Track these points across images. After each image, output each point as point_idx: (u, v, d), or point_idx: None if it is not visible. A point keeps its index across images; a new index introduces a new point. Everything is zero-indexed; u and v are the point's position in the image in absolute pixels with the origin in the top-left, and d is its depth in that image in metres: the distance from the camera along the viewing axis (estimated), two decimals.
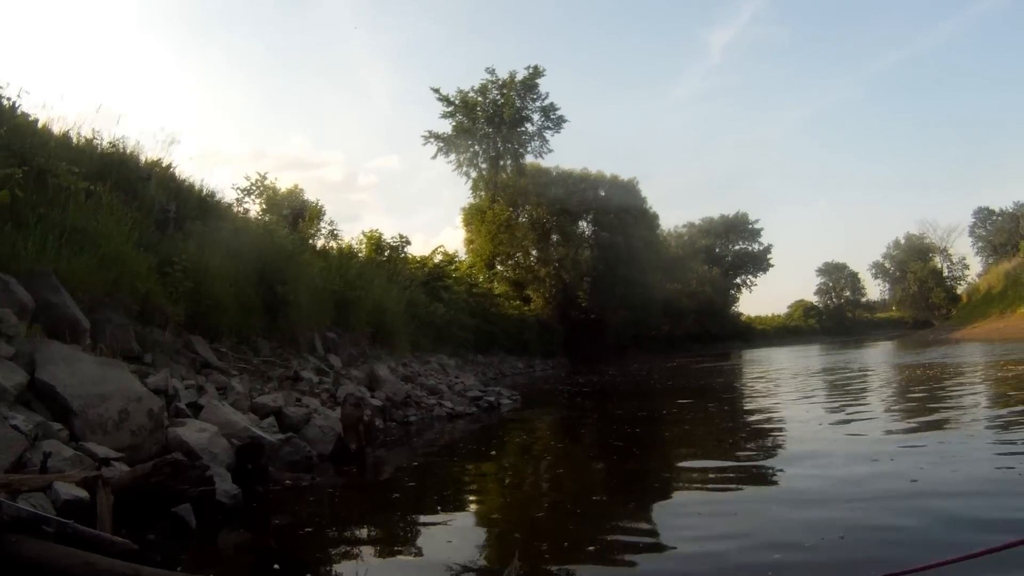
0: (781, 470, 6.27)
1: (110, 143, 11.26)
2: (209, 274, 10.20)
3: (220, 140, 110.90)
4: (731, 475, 6.33)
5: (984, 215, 75.40)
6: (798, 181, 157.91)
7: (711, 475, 6.45)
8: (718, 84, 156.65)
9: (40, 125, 9.62)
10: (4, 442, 4.22)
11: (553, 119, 48.69)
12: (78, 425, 5.15)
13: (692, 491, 5.79)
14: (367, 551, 4.41)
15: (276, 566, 4.07)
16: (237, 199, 17.92)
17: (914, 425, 8.40)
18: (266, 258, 12.69)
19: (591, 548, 4.26)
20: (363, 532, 5.01)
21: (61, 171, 8.04)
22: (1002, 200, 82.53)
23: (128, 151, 11.48)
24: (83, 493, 3.92)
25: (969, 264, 79.99)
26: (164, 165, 12.21)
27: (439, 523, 5.15)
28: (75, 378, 5.45)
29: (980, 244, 75.34)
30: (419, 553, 4.36)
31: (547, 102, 48.32)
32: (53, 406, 5.21)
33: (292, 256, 13.53)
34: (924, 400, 11.16)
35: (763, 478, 6.06)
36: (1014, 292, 47.44)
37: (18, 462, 4.18)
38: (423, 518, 5.32)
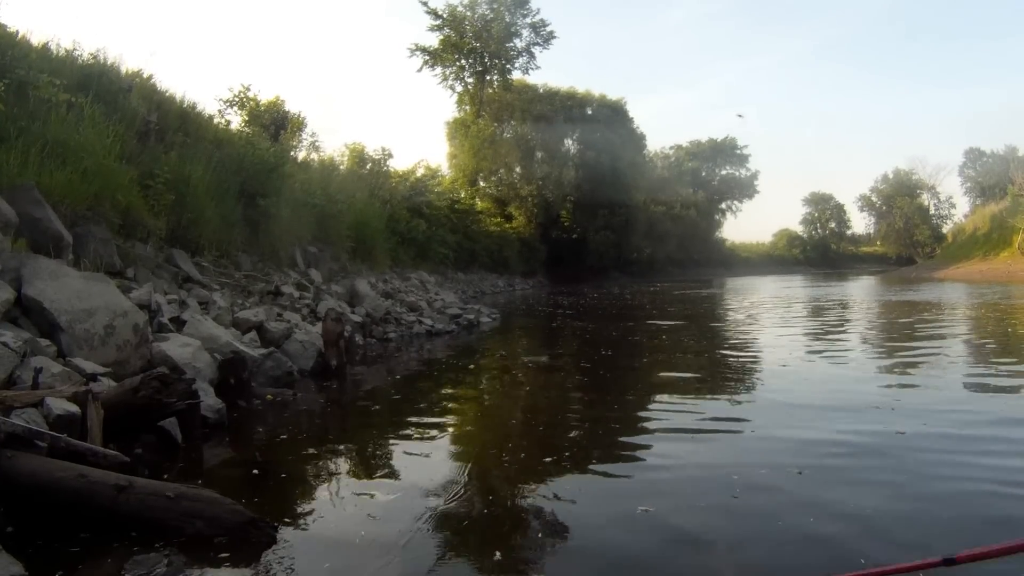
0: (755, 402, 6.50)
1: (91, 54, 11.02)
2: (190, 187, 10.17)
3: (201, 53, 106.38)
4: (705, 403, 6.53)
5: (975, 156, 74.81)
6: (789, 110, 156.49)
7: (685, 401, 6.68)
8: (716, 9, 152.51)
9: (20, 37, 9.36)
10: None
11: (542, 35, 47.36)
12: (65, 341, 5.26)
13: (664, 415, 6.01)
14: (345, 465, 4.67)
15: (255, 471, 4.39)
16: (219, 111, 17.56)
17: (898, 369, 8.27)
18: (247, 171, 12.61)
19: (559, 461, 4.53)
20: (342, 446, 5.24)
21: (42, 83, 7.91)
22: (994, 143, 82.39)
23: (109, 62, 11.24)
24: (74, 408, 4.06)
25: (956, 204, 79.70)
26: (145, 76, 11.96)
27: (416, 439, 5.41)
28: (61, 293, 5.52)
29: (968, 184, 74.69)
30: (395, 468, 4.60)
31: (537, 18, 46.94)
32: (40, 322, 5.31)
33: (274, 169, 13.44)
34: (908, 340, 11.23)
35: (736, 409, 6.24)
36: (999, 235, 47.59)
37: (9, 379, 4.33)
38: (401, 434, 5.58)
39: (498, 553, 3.13)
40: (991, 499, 3.68)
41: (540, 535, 3.41)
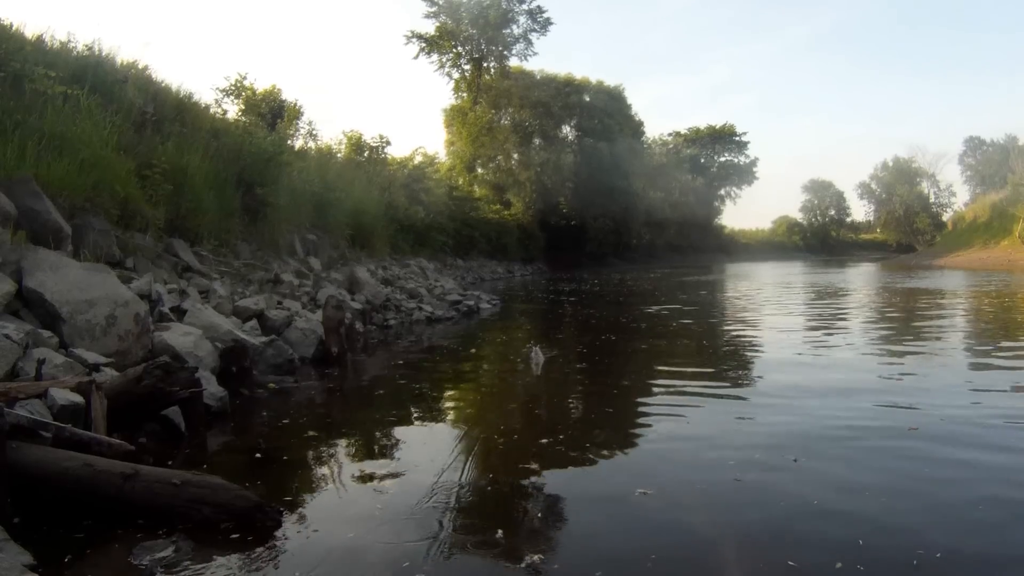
0: (756, 390, 6.48)
1: (85, 46, 11.01)
2: (188, 177, 10.17)
3: (196, 42, 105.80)
4: (705, 389, 6.52)
5: (975, 144, 74.58)
6: (789, 97, 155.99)
7: (685, 385, 6.68)
8: None
9: (14, 29, 9.34)
10: None
11: (539, 22, 47.17)
12: (67, 332, 5.28)
13: (663, 399, 6.04)
14: (348, 449, 4.73)
15: (258, 456, 4.46)
16: (216, 100, 17.53)
17: (899, 359, 8.07)
18: (245, 160, 12.61)
19: (558, 443, 4.55)
20: (345, 431, 5.29)
21: (37, 76, 7.91)
22: (994, 132, 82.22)
23: (104, 53, 11.23)
24: (78, 398, 4.08)
25: (956, 192, 79.81)
26: (140, 67, 11.99)
27: (417, 423, 5.49)
28: (62, 285, 5.52)
29: (969, 173, 74.55)
30: (398, 451, 4.65)
31: (533, 4, 46.73)
32: (41, 313, 5.32)
33: (271, 158, 13.43)
34: (907, 330, 11.16)
35: (738, 396, 6.25)
36: (999, 224, 47.55)
37: (12, 371, 4.35)
38: (402, 419, 5.65)
39: (500, 531, 3.19)
40: (997, 500, 3.53)
41: (540, 515, 3.46)
